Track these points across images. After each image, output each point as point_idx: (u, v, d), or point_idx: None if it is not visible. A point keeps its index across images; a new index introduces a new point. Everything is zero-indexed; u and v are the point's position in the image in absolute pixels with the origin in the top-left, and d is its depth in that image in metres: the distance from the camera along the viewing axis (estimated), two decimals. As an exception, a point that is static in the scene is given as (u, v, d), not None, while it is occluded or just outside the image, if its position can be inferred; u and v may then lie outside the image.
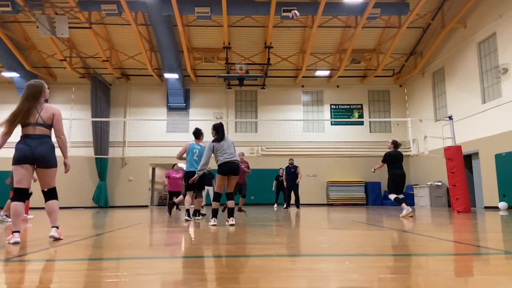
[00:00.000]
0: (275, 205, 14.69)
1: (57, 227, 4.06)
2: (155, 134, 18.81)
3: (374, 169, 8.72)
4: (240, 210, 10.96)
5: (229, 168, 5.96)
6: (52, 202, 4.04)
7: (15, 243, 3.70)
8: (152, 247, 3.80)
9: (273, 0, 13.74)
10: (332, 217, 8.71)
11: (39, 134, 3.94)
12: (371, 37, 17.69)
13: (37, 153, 3.87)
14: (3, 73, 17.78)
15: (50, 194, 4.04)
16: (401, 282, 2.08)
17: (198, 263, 2.84)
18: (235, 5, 14.41)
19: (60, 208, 11.05)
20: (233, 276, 2.26)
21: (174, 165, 13.41)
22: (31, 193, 7.11)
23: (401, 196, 8.26)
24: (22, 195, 3.88)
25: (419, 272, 2.38)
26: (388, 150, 8.54)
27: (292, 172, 13.01)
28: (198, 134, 8.24)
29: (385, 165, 8.44)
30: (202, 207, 9.61)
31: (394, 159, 8.29)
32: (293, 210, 12.69)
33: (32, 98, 4.01)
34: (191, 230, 5.59)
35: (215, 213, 6.06)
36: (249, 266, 2.61)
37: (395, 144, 8.53)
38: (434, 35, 16.64)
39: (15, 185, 3.88)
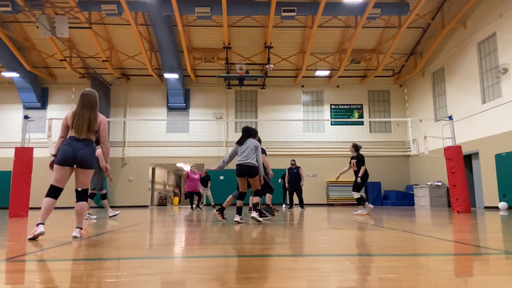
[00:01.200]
0: (284, 206, 14.68)
1: (81, 228, 4.25)
2: (155, 134, 18.82)
3: (360, 176, 9.18)
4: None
5: (239, 171, 6.28)
6: (82, 204, 4.23)
7: (41, 233, 3.90)
8: (152, 247, 3.80)
9: (273, 0, 13.74)
10: (332, 217, 8.71)
11: (85, 138, 4.21)
12: (371, 37, 17.70)
13: (79, 155, 4.12)
14: (3, 73, 17.78)
15: (83, 194, 4.24)
16: (401, 282, 2.07)
17: (198, 263, 2.84)
18: (235, 5, 14.41)
19: (60, 208, 11.08)
20: (233, 276, 2.26)
21: (192, 166, 14.30)
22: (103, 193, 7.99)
23: (362, 193, 9.45)
24: (57, 193, 4.16)
25: (419, 272, 2.38)
26: (353, 154, 9.40)
27: (294, 173, 13.15)
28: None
29: (351, 168, 9.40)
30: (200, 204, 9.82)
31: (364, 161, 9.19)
32: (297, 210, 12.71)
33: (91, 107, 4.28)
34: (191, 230, 5.59)
35: (238, 211, 6.34)
36: (249, 266, 2.61)
37: (357, 147, 9.42)
38: (434, 35, 16.64)
39: (53, 183, 4.12)
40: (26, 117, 10.63)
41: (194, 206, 14.06)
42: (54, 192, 4.12)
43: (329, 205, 18.20)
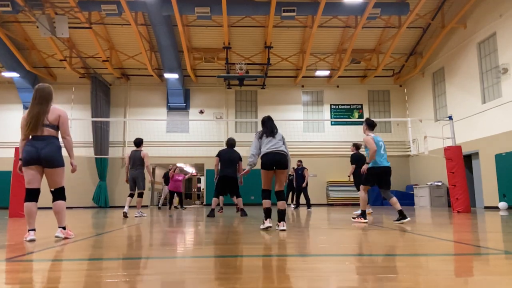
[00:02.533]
0: (291, 205, 14.65)
1: (64, 228, 4.14)
2: (155, 134, 18.80)
3: (349, 176, 9.50)
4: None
5: (271, 160, 5.11)
6: (59, 203, 4.12)
7: (31, 240, 3.86)
8: (152, 247, 3.80)
9: (273, 0, 13.74)
10: (332, 217, 8.71)
11: (46, 135, 4.03)
12: (371, 37, 17.69)
13: (43, 154, 3.96)
14: (3, 73, 17.77)
15: (58, 194, 4.11)
16: (401, 282, 2.07)
17: (198, 263, 2.84)
18: (235, 5, 14.41)
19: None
20: (233, 276, 2.26)
21: (176, 168, 14.30)
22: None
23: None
24: (34, 195, 4.03)
25: (419, 272, 2.38)
26: (352, 152, 9.51)
27: (299, 173, 13.29)
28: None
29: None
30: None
31: (362, 160, 9.18)
32: (303, 210, 12.71)
33: (43, 101, 4.10)
34: (191, 230, 5.59)
35: (268, 213, 5.14)
36: (249, 266, 2.61)
37: (357, 146, 9.48)
38: (434, 35, 16.64)
39: (26, 186, 4.03)
40: (26, 117, 10.62)
41: (173, 206, 14.56)
42: (30, 195, 4.00)
43: (329, 205, 18.20)
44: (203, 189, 22.44)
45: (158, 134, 18.84)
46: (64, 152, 4.14)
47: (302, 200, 13.84)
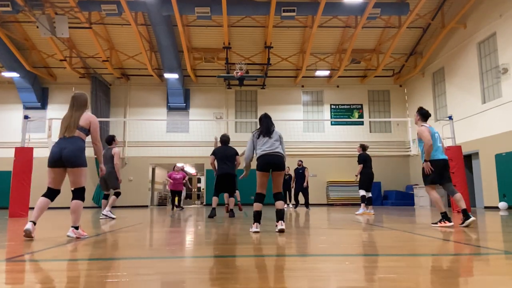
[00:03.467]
0: (285, 205, 14.60)
1: (76, 227, 4.15)
2: (155, 134, 18.82)
3: (356, 175, 9.46)
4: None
5: (267, 162, 4.99)
6: (75, 202, 4.15)
7: (27, 230, 3.90)
8: (152, 247, 3.80)
9: (273, 0, 13.74)
10: (332, 217, 8.71)
11: (73, 136, 4.17)
12: (371, 37, 17.69)
13: (65, 153, 4.06)
14: (3, 73, 17.78)
15: (76, 193, 4.17)
16: (401, 282, 2.07)
17: (198, 263, 2.84)
18: (235, 5, 14.41)
19: (61, 208, 10.95)
20: (233, 276, 2.26)
21: (174, 166, 13.99)
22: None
23: (369, 195, 9.33)
24: (52, 193, 4.16)
25: (419, 272, 2.38)
26: (358, 153, 9.53)
27: (300, 173, 13.26)
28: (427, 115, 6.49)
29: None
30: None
31: (368, 160, 9.33)
32: (301, 209, 12.71)
33: (78, 107, 4.32)
34: (191, 230, 5.59)
35: (257, 217, 4.86)
36: (249, 266, 2.61)
37: (363, 147, 9.51)
38: (434, 35, 16.64)
39: (48, 184, 4.16)
40: (26, 117, 10.63)
41: (175, 206, 13.98)
42: (50, 193, 4.15)
43: (329, 205, 18.20)
44: (203, 189, 22.45)
45: (158, 134, 18.85)
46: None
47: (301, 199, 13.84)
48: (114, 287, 2.04)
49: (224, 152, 8.56)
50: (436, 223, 5.49)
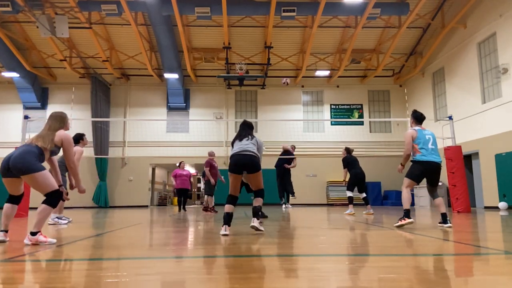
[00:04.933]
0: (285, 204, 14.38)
1: (34, 233, 3.64)
2: (155, 134, 18.83)
3: (344, 180, 10.01)
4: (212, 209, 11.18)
5: (235, 162, 4.74)
6: (42, 207, 3.72)
7: (1, 241, 3.80)
8: (152, 247, 3.80)
9: (273, 0, 13.74)
10: (332, 217, 8.71)
11: (29, 144, 3.90)
12: (371, 37, 17.69)
13: (11, 161, 3.70)
14: (3, 73, 17.77)
15: (47, 197, 3.75)
16: (401, 282, 2.07)
17: (198, 263, 2.84)
18: (235, 5, 14.41)
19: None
20: (233, 276, 2.26)
21: (180, 163, 13.50)
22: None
23: (364, 195, 9.86)
24: (15, 199, 3.94)
25: (419, 272, 2.38)
26: (344, 156, 9.95)
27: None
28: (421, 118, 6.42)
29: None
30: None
31: (352, 162, 9.73)
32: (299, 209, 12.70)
33: (51, 126, 4.16)
34: (191, 230, 5.59)
35: (226, 219, 4.61)
36: (249, 266, 2.61)
37: (348, 150, 10.00)
38: (434, 35, 16.64)
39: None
40: (26, 117, 10.64)
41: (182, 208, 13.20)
42: (12, 198, 3.92)
43: (329, 205, 18.19)
44: (203, 189, 22.42)
45: (158, 134, 18.86)
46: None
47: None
48: (114, 287, 2.04)
49: None
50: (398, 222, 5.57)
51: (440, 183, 16.31)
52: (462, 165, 10.98)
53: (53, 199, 3.74)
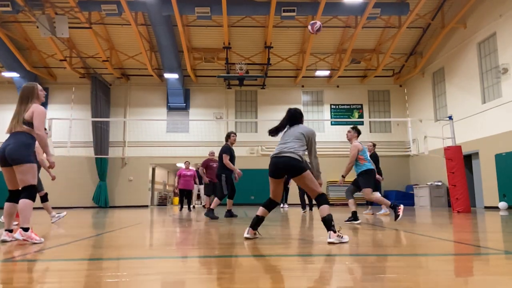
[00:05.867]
0: (282, 205, 14.39)
1: (26, 229, 3.72)
2: (155, 134, 18.83)
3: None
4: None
5: (272, 167, 4.23)
6: (22, 202, 3.77)
7: (3, 241, 3.79)
8: (152, 247, 3.80)
9: (273, 0, 13.74)
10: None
11: (14, 132, 3.87)
12: (371, 37, 17.69)
13: (7, 151, 3.77)
14: (3, 73, 17.77)
15: (23, 191, 3.80)
16: (401, 282, 2.07)
17: (198, 263, 2.84)
18: (235, 5, 14.41)
19: (61, 208, 10.99)
20: (233, 276, 2.26)
21: (185, 162, 13.51)
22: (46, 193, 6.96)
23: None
24: (14, 196, 3.91)
25: (419, 272, 2.38)
26: (371, 151, 9.58)
27: None
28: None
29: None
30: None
31: (377, 159, 9.40)
32: (293, 210, 12.68)
33: (22, 101, 4.00)
34: (191, 230, 5.59)
35: (255, 223, 4.19)
36: (249, 266, 2.61)
37: (374, 145, 9.58)
38: (434, 35, 16.64)
39: (8, 187, 3.96)
40: (26, 117, 10.61)
41: (184, 207, 13.27)
42: (11, 196, 3.91)
43: (329, 205, 18.16)
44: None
45: (158, 134, 18.86)
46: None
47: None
48: (114, 287, 2.04)
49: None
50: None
51: (439, 183, 16.30)
52: (462, 165, 10.98)
53: (33, 192, 3.83)
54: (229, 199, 8.36)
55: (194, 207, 13.05)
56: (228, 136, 8.39)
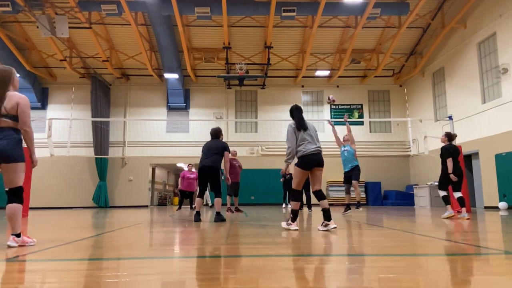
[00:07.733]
0: (283, 205, 14.44)
1: (18, 235, 3.54)
2: (155, 134, 18.83)
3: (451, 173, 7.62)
4: (237, 210, 11.00)
5: (316, 161, 5.11)
6: (12, 206, 3.51)
7: (9, 246, 3.55)
8: (152, 247, 3.80)
9: (273, 0, 13.74)
10: (332, 217, 8.68)
11: (2, 127, 3.50)
12: (371, 37, 17.70)
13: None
14: (3, 73, 17.74)
15: (13, 195, 3.53)
16: (401, 282, 2.07)
17: (198, 263, 2.84)
18: (235, 5, 14.41)
19: (60, 208, 11.02)
20: (233, 276, 2.26)
21: (188, 164, 13.64)
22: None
23: (459, 194, 7.70)
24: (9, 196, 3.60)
25: (419, 272, 2.38)
26: (445, 144, 7.65)
27: None
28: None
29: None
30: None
31: (454, 153, 7.48)
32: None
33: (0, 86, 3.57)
34: (191, 230, 5.59)
35: (295, 216, 5.19)
36: (249, 266, 2.61)
37: (450, 137, 7.60)
38: (434, 35, 16.64)
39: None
40: (26, 117, 10.60)
41: (184, 207, 13.41)
42: (9, 197, 3.57)
43: (329, 205, 18.16)
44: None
45: (158, 134, 18.86)
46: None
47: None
48: (114, 287, 2.04)
49: (208, 144, 7.44)
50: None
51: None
52: (462, 165, 10.97)
53: (22, 194, 3.58)
54: (217, 198, 7.26)
55: (195, 207, 13.22)
56: (220, 133, 7.90)
